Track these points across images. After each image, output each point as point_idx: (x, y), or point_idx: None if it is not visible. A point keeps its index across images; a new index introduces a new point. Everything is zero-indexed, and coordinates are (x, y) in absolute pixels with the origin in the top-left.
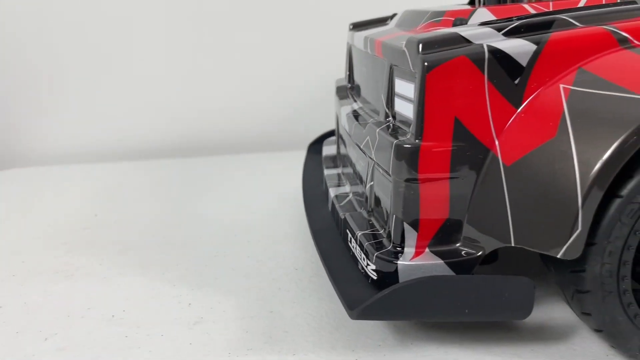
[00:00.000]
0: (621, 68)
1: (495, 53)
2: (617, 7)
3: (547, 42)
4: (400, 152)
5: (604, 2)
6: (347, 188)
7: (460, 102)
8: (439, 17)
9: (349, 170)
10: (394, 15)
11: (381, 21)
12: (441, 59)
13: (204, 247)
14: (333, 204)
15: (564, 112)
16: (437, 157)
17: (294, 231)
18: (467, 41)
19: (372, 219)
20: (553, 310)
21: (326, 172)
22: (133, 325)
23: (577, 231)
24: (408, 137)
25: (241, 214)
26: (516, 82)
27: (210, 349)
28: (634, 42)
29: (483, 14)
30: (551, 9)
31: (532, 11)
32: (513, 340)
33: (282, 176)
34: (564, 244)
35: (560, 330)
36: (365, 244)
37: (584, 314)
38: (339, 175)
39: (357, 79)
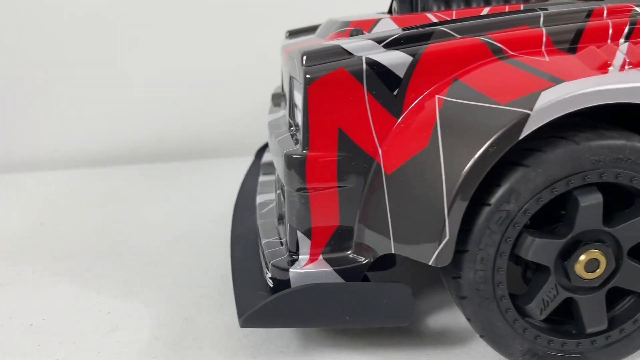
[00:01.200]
0: (491, 78)
1: (373, 65)
2: (496, 18)
3: (423, 54)
4: (289, 162)
5: (507, 10)
6: (273, 195)
7: (342, 113)
8: (344, 27)
9: None
10: None
11: (314, 29)
12: (322, 71)
13: (140, 255)
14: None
15: (436, 123)
16: (323, 166)
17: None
18: (348, 53)
19: (280, 227)
20: (459, 314)
21: (261, 178)
22: (49, 333)
23: (446, 239)
24: (297, 147)
25: (184, 220)
26: (395, 93)
27: (117, 356)
28: (508, 52)
29: (386, 24)
30: (454, 18)
31: (435, 20)
32: (414, 345)
33: (234, 182)
34: (434, 252)
35: (462, 334)
36: (266, 251)
37: (467, 319)
38: (272, 182)
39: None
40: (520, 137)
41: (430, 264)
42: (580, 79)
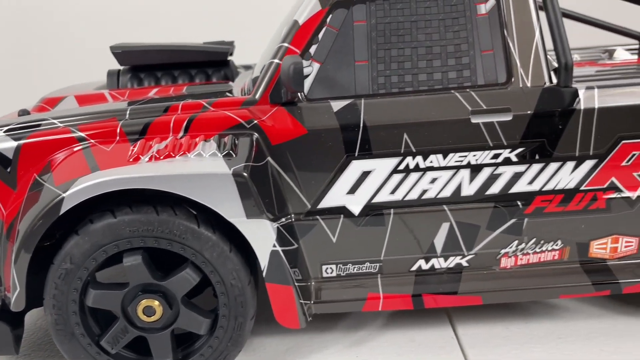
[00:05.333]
0: (65, 163)
1: None
2: (96, 110)
3: (25, 140)
4: None
5: (171, 94)
6: None
7: None
8: (39, 101)
9: None
10: None
11: None
12: None
13: None
14: None
15: (25, 197)
16: None
17: None
18: None
19: None
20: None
21: None
22: None
23: (17, 290)
24: None
25: None
26: (8, 170)
27: None
28: (90, 142)
29: (69, 102)
30: (126, 98)
31: (111, 100)
32: None
33: None
34: (12, 299)
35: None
36: None
37: None
38: None
39: None
40: (60, 214)
41: (12, 309)
42: (109, 169)
